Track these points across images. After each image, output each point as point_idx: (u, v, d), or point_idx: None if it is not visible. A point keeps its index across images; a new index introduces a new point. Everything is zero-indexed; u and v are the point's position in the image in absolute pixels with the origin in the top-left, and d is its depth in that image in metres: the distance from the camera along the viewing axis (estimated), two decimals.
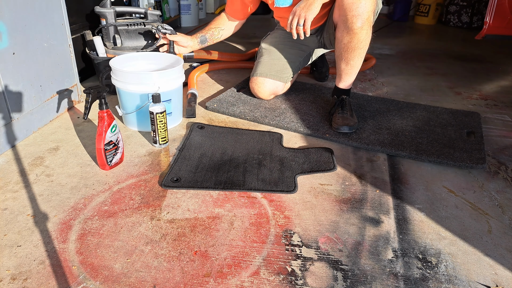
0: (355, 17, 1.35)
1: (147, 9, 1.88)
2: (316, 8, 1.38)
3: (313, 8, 1.37)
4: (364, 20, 1.36)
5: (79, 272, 0.85)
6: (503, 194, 1.20)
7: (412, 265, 0.92)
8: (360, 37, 1.40)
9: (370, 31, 1.42)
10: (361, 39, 1.41)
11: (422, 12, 4.12)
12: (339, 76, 1.58)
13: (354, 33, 1.39)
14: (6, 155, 1.29)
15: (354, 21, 1.36)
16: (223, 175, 1.21)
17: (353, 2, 1.33)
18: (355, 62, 1.49)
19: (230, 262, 0.90)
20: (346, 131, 1.48)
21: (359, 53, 1.46)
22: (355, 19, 1.35)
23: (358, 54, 1.46)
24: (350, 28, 1.38)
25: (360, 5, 1.33)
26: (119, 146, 1.24)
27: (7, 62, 1.28)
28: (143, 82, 1.39)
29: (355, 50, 1.45)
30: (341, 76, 1.56)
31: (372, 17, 1.41)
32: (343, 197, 1.15)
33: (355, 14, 1.35)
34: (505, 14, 2.48)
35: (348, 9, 1.35)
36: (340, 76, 1.57)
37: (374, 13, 1.44)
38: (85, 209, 1.05)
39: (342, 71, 1.54)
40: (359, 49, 1.44)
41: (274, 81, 1.71)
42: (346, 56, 1.47)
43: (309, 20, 1.38)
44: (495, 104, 1.93)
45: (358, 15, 1.35)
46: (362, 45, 1.43)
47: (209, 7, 4.26)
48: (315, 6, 1.37)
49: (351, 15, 1.35)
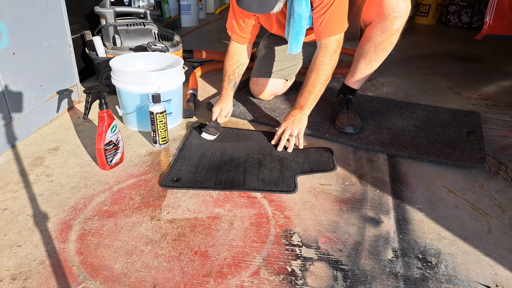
0: (397, 18, 1.34)
1: (147, 9, 1.88)
2: (305, 122, 1.40)
3: (302, 121, 1.39)
4: (403, 22, 1.35)
5: (79, 272, 0.85)
6: (503, 194, 1.20)
7: (412, 265, 0.92)
8: (393, 39, 1.40)
9: (400, 35, 1.41)
10: (393, 41, 1.41)
11: (422, 12, 4.11)
12: (352, 74, 1.55)
13: (390, 34, 1.38)
14: (6, 155, 1.29)
15: (396, 22, 1.34)
16: (223, 175, 1.21)
17: (397, 4, 1.32)
18: (377, 62, 1.48)
19: (230, 262, 0.90)
20: (351, 131, 1.48)
21: (384, 55, 1.45)
22: (396, 20, 1.34)
23: (383, 56, 1.45)
24: (389, 28, 1.36)
25: (403, 7, 1.32)
26: (119, 146, 1.24)
27: (7, 62, 1.28)
28: (143, 82, 1.39)
29: (383, 51, 1.44)
30: (356, 74, 1.54)
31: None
32: (343, 197, 1.15)
33: (398, 16, 1.33)
34: (505, 14, 2.48)
35: (391, 10, 1.33)
36: (354, 74, 1.54)
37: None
38: (85, 209, 1.05)
39: (359, 70, 1.52)
40: (387, 51, 1.44)
41: (274, 82, 1.71)
42: (371, 55, 1.45)
43: (302, 133, 1.39)
44: (495, 104, 1.93)
45: (400, 17, 1.33)
46: (390, 48, 1.43)
47: (209, 7, 4.26)
48: (303, 120, 1.39)
49: (393, 15, 1.34)
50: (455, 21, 3.97)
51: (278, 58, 1.74)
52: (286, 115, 1.43)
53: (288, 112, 1.43)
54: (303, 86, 1.40)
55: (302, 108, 1.40)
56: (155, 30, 1.83)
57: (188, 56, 2.25)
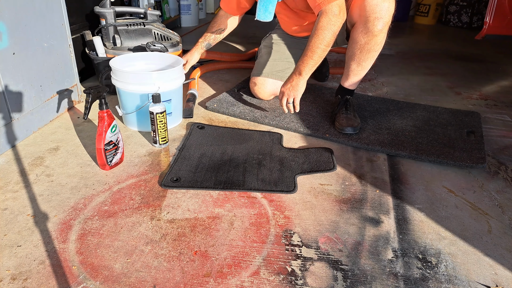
0: (377, 19, 1.34)
1: (147, 9, 1.88)
2: (302, 87, 1.43)
3: (299, 88, 1.42)
4: (385, 23, 1.35)
5: (79, 272, 0.85)
6: (503, 194, 1.20)
7: (412, 265, 0.92)
8: (378, 39, 1.40)
9: (386, 34, 1.42)
10: (378, 42, 1.41)
11: (422, 12, 4.12)
12: (346, 76, 1.57)
13: (373, 35, 1.38)
14: (6, 155, 1.29)
15: (376, 23, 1.35)
16: (223, 175, 1.21)
17: (377, 4, 1.33)
18: (367, 63, 1.49)
19: (230, 262, 0.90)
20: (350, 132, 1.48)
21: (373, 55, 1.46)
22: (377, 21, 1.35)
23: (372, 56, 1.46)
24: (370, 29, 1.37)
25: (384, 7, 1.33)
26: (119, 146, 1.24)
27: (7, 62, 1.28)
28: (143, 82, 1.39)
29: (370, 52, 1.44)
30: (349, 76, 1.55)
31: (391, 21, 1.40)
32: (343, 197, 1.15)
33: (378, 17, 1.34)
34: (505, 14, 2.48)
35: (371, 11, 1.34)
36: (347, 75, 1.56)
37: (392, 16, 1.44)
38: (85, 209, 1.05)
39: (352, 71, 1.53)
40: (374, 52, 1.44)
41: (274, 81, 1.71)
42: (360, 57, 1.47)
43: (298, 99, 1.43)
44: (495, 104, 1.93)
45: (381, 18, 1.34)
46: (378, 48, 1.44)
47: (209, 7, 4.26)
48: (301, 86, 1.42)
49: (373, 17, 1.34)
50: (455, 21, 3.97)
51: (278, 58, 1.74)
52: (286, 80, 1.47)
53: (288, 77, 1.46)
54: (304, 51, 1.41)
55: (300, 73, 1.41)
56: (155, 30, 1.83)
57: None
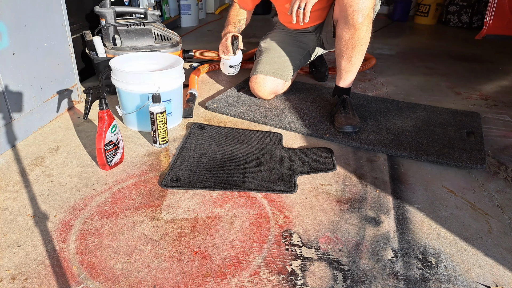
0: (355, 12, 1.36)
1: (147, 9, 1.88)
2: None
3: None
4: (364, 15, 1.36)
5: (79, 272, 0.85)
6: (503, 194, 1.20)
7: (412, 265, 0.92)
8: (361, 33, 1.41)
9: (370, 27, 1.42)
10: (362, 35, 1.41)
11: (422, 12, 4.11)
12: (339, 75, 1.58)
13: (355, 28, 1.39)
14: (6, 155, 1.29)
15: (355, 16, 1.36)
16: (223, 175, 1.21)
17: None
18: (356, 59, 1.49)
19: (230, 262, 0.90)
20: (350, 130, 1.48)
21: (359, 49, 1.46)
22: (355, 14, 1.36)
23: (359, 50, 1.46)
24: (351, 23, 1.38)
25: (361, 0, 1.34)
26: (119, 146, 1.24)
27: (7, 62, 1.28)
28: (143, 82, 1.39)
29: (355, 47, 1.45)
30: (342, 74, 1.56)
31: (372, 14, 1.41)
32: (343, 197, 1.15)
33: (356, 10, 1.35)
34: (505, 14, 2.48)
35: (348, 5, 1.36)
36: (340, 74, 1.57)
37: (373, 10, 1.44)
38: (85, 209, 1.05)
39: (343, 69, 1.54)
40: (360, 46, 1.45)
41: (274, 79, 1.71)
42: (347, 53, 1.47)
43: (310, 4, 1.39)
44: (495, 104, 1.93)
45: (359, 11, 1.35)
46: (362, 42, 1.44)
47: (209, 7, 4.26)
48: None
49: (351, 10, 1.36)
50: (455, 21, 3.97)
51: (276, 56, 1.74)
52: None
53: None
54: None
55: None
56: (155, 30, 1.83)
57: (188, 56, 2.25)
